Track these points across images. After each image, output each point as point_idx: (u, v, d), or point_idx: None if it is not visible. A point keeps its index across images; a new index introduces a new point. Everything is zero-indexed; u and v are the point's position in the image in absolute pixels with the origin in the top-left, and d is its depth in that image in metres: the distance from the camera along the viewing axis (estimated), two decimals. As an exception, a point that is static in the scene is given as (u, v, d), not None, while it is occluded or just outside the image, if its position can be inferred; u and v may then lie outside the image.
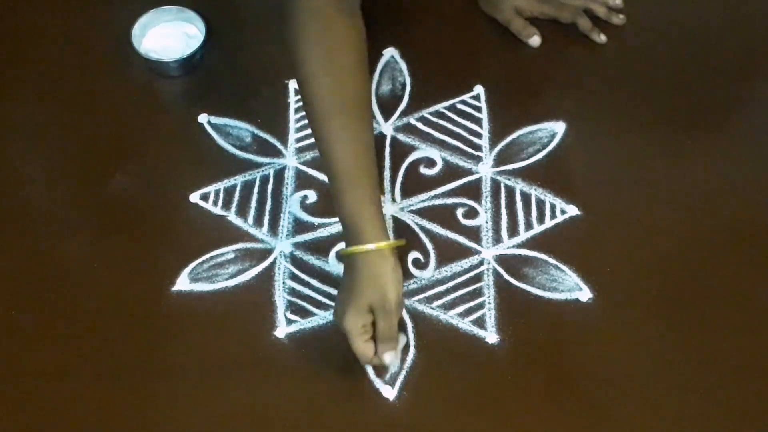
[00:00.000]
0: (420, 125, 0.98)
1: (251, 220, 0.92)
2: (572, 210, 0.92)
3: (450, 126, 0.98)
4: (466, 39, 1.05)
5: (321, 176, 0.94)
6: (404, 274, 0.87)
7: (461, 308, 0.86)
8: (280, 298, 0.87)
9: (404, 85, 1.01)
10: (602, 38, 1.03)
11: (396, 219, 0.92)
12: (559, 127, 0.97)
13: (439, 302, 0.86)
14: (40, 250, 0.90)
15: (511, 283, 0.87)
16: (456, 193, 0.93)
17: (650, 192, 0.93)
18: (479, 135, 0.97)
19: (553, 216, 0.91)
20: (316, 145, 0.79)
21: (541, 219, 0.91)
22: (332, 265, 0.89)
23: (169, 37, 1.03)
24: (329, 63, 0.76)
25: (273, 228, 0.91)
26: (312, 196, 0.93)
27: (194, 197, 0.93)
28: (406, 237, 0.90)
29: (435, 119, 0.98)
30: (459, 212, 0.92)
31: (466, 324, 0.85)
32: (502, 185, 0.94)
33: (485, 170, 0.95)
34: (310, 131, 0.79)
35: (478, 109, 0.99)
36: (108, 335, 0.85)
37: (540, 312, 0.85)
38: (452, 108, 0.99)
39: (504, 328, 0.84)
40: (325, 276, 0.88)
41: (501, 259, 0.89)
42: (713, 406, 0.81)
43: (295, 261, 0.89)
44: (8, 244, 0.91)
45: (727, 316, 0.85)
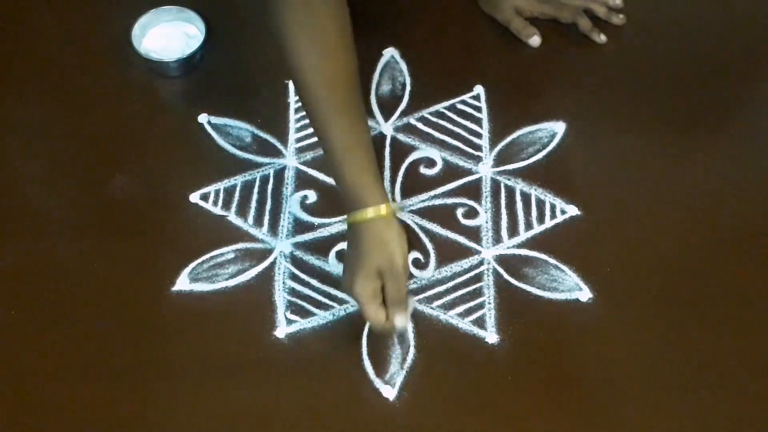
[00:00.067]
0: (420, 125, 0.98)
1: (251, 220, 0.92)
2: (572, 210, 0.92)
3: (450, 126, 0.98)
4: (466, 39, 1.05)
5: (321, 176, 0.94)
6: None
7: (461, 308, 0.86)
8: (280, 298, 0.87)
9: (404, 85, 1.01)
10: (602, 38, 1.03)
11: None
12: (559, 127, 0.97)
13: (439, 302, 0.86)
14: (40, 250, 0.90)
15: (511, 283, 0.87)
16: (456, 193, 0.93)
17: (650, 192, 0.93)
18: (479, 135, 0.97)
19: (553, 216, 0.91)
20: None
21: (541, 219, 0.91)
22: (332, 265, 0.89)
23: (169, 37, 1.03)
24: (315, 39, 0.76)
25: (273, 228, 0.91)
26: (312, 196, 0.93)
27: (194, 197, 0.93)
28: (407, 237, 0.90)
29: (435, 119, 0.98)
30: (459, 212, 0.92)
31: (466, 324, 0.85)
32: (502, 185, 0.94)
33: (485, 170, 0.95)
34: (311, 131, 0.80)
35: (478, 109, 0.99)
36: (108, 335, 0.85)
37: (540, 312, 0.85)
38: (452, 108, 0.99)
39: (504, 328, 0.84)
40: (325, 276, 0.88)
41: (501, 259, 0.89)
42: (713, 406, 0.81)
43: (295, 261, 0.89)
44: (8, 244, 0.91)
45: (727, 316, 0.85)
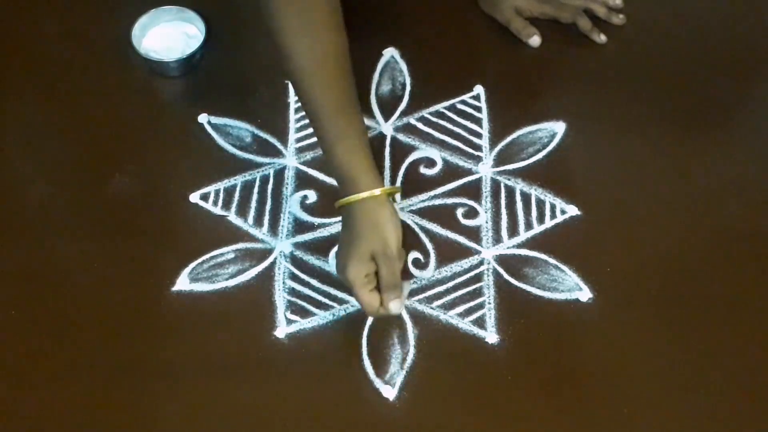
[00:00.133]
0: (420, 125, 0.98)
1: (251, 220, 0.92)
2: (572, 210, 0.92)
3: (450, 126, 0.98)
4: (466, 39, 1.05)
5: (321, 176, 0.94)
6: (404, 274, 0.87)
7: (461, 308, 0.86)
8: (280, 298, 0.87)
9: (404, 85, 1.01)
10: (602, 38, 1.03)
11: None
12: (559, 127, 0.97)
13: (439, 302, 0.86)
14: (41, 250, 0.90)
15: (511, 283, 0.87)
16: (456, 193, 0.93)
17: (650, 192, 0.93)
18: (479, 135, 0.97)
19: (553, 216, 0.91)
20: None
21: (541, 219, 0.91)
22: (332, 265, 0.89)
23: (169, 37, 1.03)
24: (304, 21, 0.76)
25: (273, 228, 0.91)
26: (312, 196, 0.93)
27: (194, 197, 0.93)
28: (407, 237, 0.90)
29: (435, 119, 0.98)
30: (459, 212, 0.92)
31: (466, 324, 0.85)
32: (502, 185, 0.94)
33: (485, 170, 0.95)
34: (311, 131, 0.79)
35: (478, 109, 0.99)
36: (108, 335, 0.85)
37: (540, 312, 0.85)
38: (452, 108, 0.99)
39: (504, 328, 0.84)
40: (325, 276, 0.88)
41: (501, 259, 0.89)
42: (713, 406, 0.81)
43: (295, 261, 0.89)
44: (8, 244, 0.91)
45: (727, 316, 0.85)
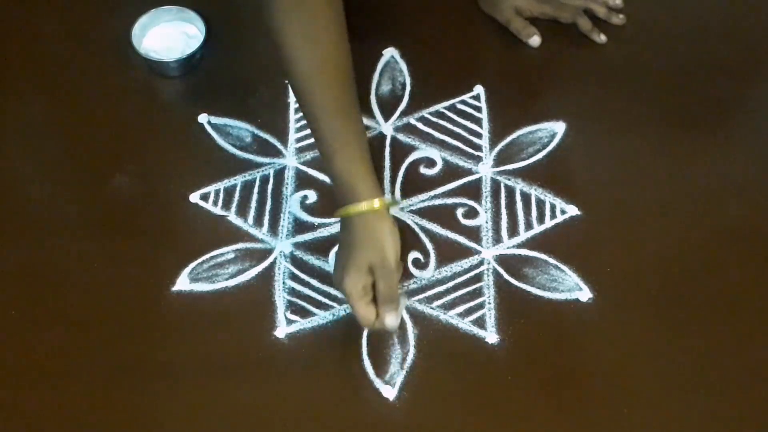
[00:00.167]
0: (420, 125, 0.98)
1: (251, 220, 0.92)
2: (572, 210, 0.92)
3: (450, 126, 0.98)
4: (466, 39, 1.05)
5: (321, 176, 0.94)
6: (404, 274, 0.87)
7: (461, 308, 0.86)
8: (280, 298, 0.87)
9: (404, 85, 1.01)
10: (602, 38, 1.03)
11: (396, 219, 0.91)
12: (559, 127, 0.97)
13: (439, 302, 0.86)
14: (40, 250, 0.90)
15: (511, 283, 0.87)
16: (456, 193, 0.93)
17: (650, 192, 0.93)
18: (479, 135, 0.97)
19: (553, 216, 0.91)
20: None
21: (541, 219, 0.91)
22: (332, 265, 0.89)
23: (169, 37, 1.03)
24: (307, 28, 0.76)
25: (273, 228, 0.91)
26: (312, 196, 0.93)
27: (194, 197, 0.93)
28: (406, 237, 0.90)
29: (435, 119, 0.98)
30: (459, 212, 0.92)
31: (466, 324, 0.85)
32: (502, 185, 0.94)
33: (485, 170, 0.95)
34: (308, 130, 0.79)
35: (478, 109, 0.99)
36: (108, 335, 0.85)
37: (540, 312, 0.85)
38: (452, 108, 0.99)
39: (504, 328, 0.84)
40: (325, 276, 0.88)
41: (501, 259, 0.89)
42: (713, 406, 0.81)
43: (295, 261, 0.89)
44: (8, 244, 0.90)
45: (727, 316, 0.85)
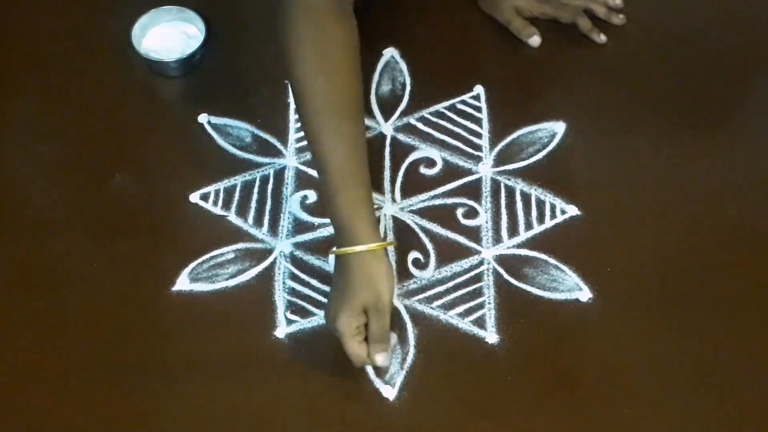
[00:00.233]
0: (420, 125, 0.98)
1: (251, 220, 0.92)
2: (572, 210, 0.91)
3: (450, 126, 0.98)
4: (466, 39, 1.05)
5: (321, 176, 0.94)
6: (404, 274, 0.88)
7: (461, 308, 0.86)
8: (280, 298, 0.87)
9: (404, 85, 1.01)
10: (602, 38, 1.03)
11: (396, 219, 0.92)
12: (559, 127, 0.97)
13: (439, 302, 0.86)
14: (40, 250, 0.90)
15: (511, 283, 0.87)
16: (456, 193, 0.93)
17: (650, 192, 0.93)
18: (479, 135, 0.97)
19: (553, 216, 0.91)
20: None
21: (541, 219, 0.91)
22: (332, 265, 0.88)
23: (169, 37, 1.03)
24: (322, 63, 0.76)
25: (273, 228, 0.91)
26: (312, 196, 0.93)
27: (194, 197, 0.93)
28: (407, 237, 0.90)
29: (435, 119, 0.98)
30: (459, 212, 0.92)
31: (466, 324, 0.85)
32: (502, 185, 0.94)
33: (485, 170, 0.95)
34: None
35: (478, 109, 0.99)
36: (108, 335, 0.85)
37: (540, 312, 0.85)
38: (452, 108, 0.99)
39: (504, 328, 0.84)
40: (325, 276, 0.88)
41: (501, 259, 0.89)
42: (713, 406, 0.81)
43: (295, 261, 0.89)
44: (8, 244, 0.90)
45: (727, 316, 0.85)
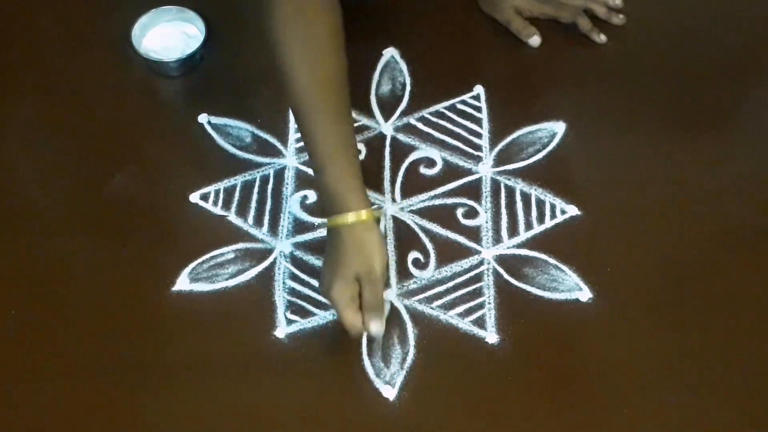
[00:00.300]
0: (420, 125, 0.98)
1: (251, 220, 0.92)
2: (572, 210, 0.91)
3: (450, 126, 0.98)
4: (466, 39, 1.05)
5: (321, 176, 0.94)
6: (404, 274, 0.87)
7: (461, 308, 0.86)
8: (280, 298, 0.87)
9: (404, 85, 1.01)
10: (602, 38, 1.03)
11: (396, 219, 0.92)
12: (559, 127, 0.97)
13: (439, 302, 0.86)
14: (40, 250, 0.90)
15: (511, 283, 0.87)
16: (456, 193, 0.93)
17: (650, 192, 0.93)
18: (479, 135, 0.97)
19: (553, 216, 0.91)
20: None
21: (541, 219, 0.91)
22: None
23: (169, 37, 1.03)
24: (306, 41, 0.76)
25: (273, 228, 0.91)
26: (312, 196, 0.93)
27: (194, 197, 0.93)
28: (407, 237, 0.90)
29: (435, 119, 0.98)
30: (459, 212, 0.92)
31: (466, 324, 0.85)
32: (502, 185, 0.94)
33: (485, 170, 0.95)
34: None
35: (478, 109, 0.99)
36: (108, 335, 0.85)
37: (540, 312, 0.85)
38: (452, 108, 0.99)
39: (504, 328, 0.84)
40: (325, 276, 0.88)
41: (501, 259, 0.89)
42: (713, 406, 0.81)
43: (295, 261, 0.89)
44: (8, 244, 0.90)
45: (727, 316, 0.85)
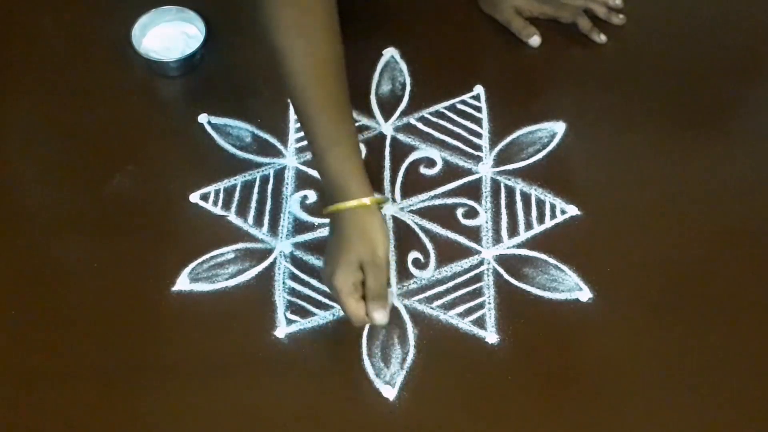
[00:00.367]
0: (420, 125, 0.98)
1: (251, 220, 0.92)
2: (572, 210, 0.91)
3: (450, 126, 0.98)
4: (466, 39, 1.05)
5: (321, 176, 0.94)
6: (404, 274, 0.87)
7: (461, 308, 0.86)
8: (280, 298, 0.87)
9: (404, 85, 1.01)
10: (602, 38, 1.03)
11: (396, 219, 0.92)
12: (559, 127, 0.97)
13: (439, 302, 0.86)
14: (40, 251, 0.90)
15: (511, 283, 0.87)
16: (456, 193, 0.93)
17: (650, 192, 0.93)
18: (479, 135, 0.97)
19: (553, 216, 0.91)
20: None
21: (541, 219, 0.91)
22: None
23: (169, 37, 1.03)
24: (301, 25, 0.76)
25: (273, 228, 0.91)
26: (312, 196, 0.93)
27: (194, 197, 0.93)
28: (407, 237, 0.90)
29: (435, 119, 0.98)
30: (459, 212, 0.92)
31: (466, 324, 0.85)
32: (502, 185, 0.94)
33: (485, 170, 0.95)
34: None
35: (478, 109, 0.99)
36: (108, 335, 0.85)
37: (540, 312, 0.85)
38: (452, 108, 0.99)
39: (504, 328, 0.84)
40: (325, 276, 0.88)
41: (501, 259, 0.89)
42: (713, 406, 0.81)
43: (295, 261, 0.89)
44: (8, 244, 0.90)
45: (727, 316, 0.85)
